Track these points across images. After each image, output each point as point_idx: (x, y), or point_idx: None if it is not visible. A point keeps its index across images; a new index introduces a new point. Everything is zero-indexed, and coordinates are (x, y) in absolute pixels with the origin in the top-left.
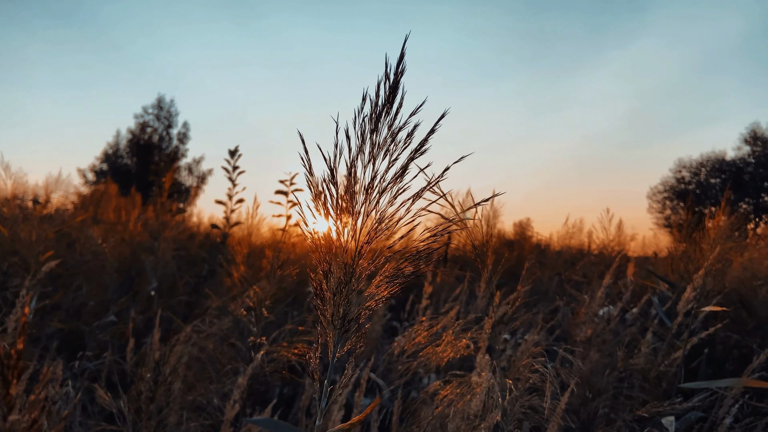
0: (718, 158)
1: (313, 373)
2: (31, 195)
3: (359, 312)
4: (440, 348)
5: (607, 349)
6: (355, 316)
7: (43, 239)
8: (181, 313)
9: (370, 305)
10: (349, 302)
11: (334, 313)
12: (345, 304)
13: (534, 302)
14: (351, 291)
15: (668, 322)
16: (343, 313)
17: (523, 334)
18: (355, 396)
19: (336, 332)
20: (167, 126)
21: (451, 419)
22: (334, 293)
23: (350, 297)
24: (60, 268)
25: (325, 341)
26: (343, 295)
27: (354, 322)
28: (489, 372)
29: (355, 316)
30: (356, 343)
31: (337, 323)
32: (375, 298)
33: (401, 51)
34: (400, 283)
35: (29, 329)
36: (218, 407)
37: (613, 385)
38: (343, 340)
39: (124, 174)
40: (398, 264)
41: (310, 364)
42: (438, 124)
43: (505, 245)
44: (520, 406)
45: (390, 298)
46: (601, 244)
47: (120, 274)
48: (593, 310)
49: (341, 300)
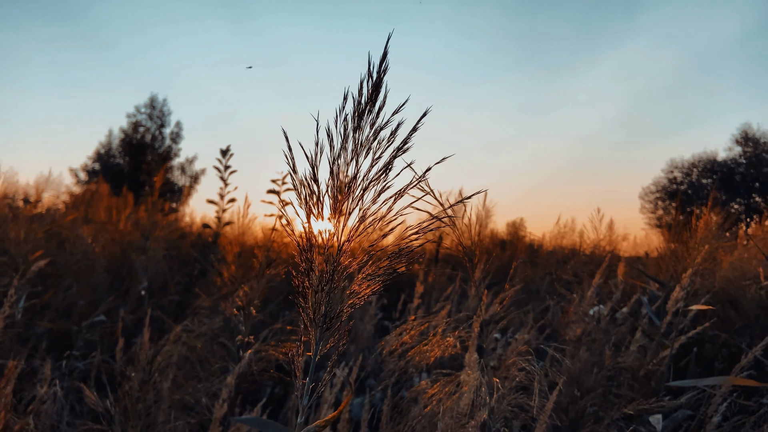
0: (710, 159)
1: (296, 371)
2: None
3: (341, 310)
4: (427, 347)
5: (597, 348)
6: (337, 314)
7: (31, 239)
8: (172, 312)
9: (353, 303)
10: (330, 300)
11: (316, 310)
12: (327, 301)
13: (525, 301)
14: (333, 289)
15: (657, 321)
16: (324, 311)
17: (513, 333)
18: (343, 394)
19: (318, 330)
20: (160, 125)
21: (440, 418)
22: (315, 291)
23: (332, 295)
24: (50, 268)
25: (309, 339)
26: (325, 293)
27: (336, 319)
28: (477, 371)
29: (336, 314)
30: (339, 341)
31: (319, 321)
32: (357, 296)
33: (384, 49)
34: (382, 281)
35: (18, 329)
36: (207, 406)
37: (601, 384)
38: (325, 338)
39: (116, 173)
40: (380, 262)
41: (294, 362)
42: (420, 122)
43: (498, 245)
44: (507, 405)
45: (373, 295)
46: (592, 244)
47: (110, 274)
48: (583, 310)
49: (323, 298)
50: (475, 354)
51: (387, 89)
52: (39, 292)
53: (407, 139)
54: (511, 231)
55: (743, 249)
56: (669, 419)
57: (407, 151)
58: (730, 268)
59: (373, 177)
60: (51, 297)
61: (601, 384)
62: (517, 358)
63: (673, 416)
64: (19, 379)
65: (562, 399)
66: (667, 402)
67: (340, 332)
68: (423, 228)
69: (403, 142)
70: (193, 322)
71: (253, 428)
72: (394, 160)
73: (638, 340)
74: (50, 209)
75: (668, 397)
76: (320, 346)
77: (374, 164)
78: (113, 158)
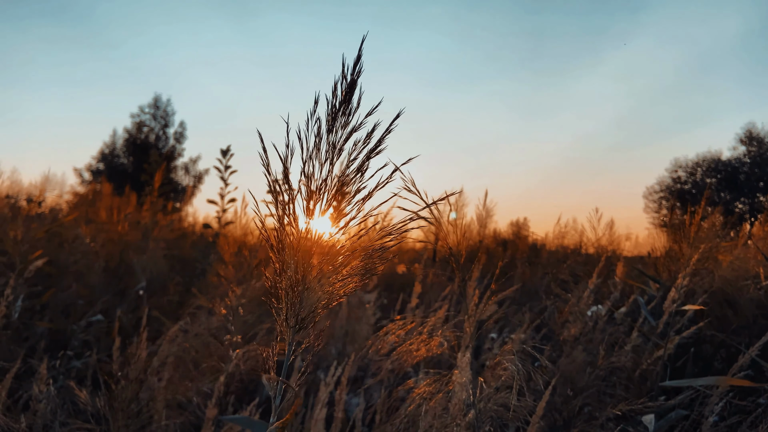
0: (714, 158)
1: (270, 371)
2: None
3: (313, 309)
4: (413, 346)
5: (594, 348)
6: (309, 314)
7: (29, 238)
8: (172, 312)
9: (327, 303)
10: (301, 300)
11: (288, 311)
12: (299, 302)
13: (525, 301)
14: (304, 289)
15: (653, 321)
16: (297, 312)
17: (510, 332)
18: (336, 394)
19: (291, 330)
20: (164, 125)
21: (422, 417)
22: (287, 291)
23: (304, 295)
24: (51, 268)
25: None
26: (296, 293)
27: (308, 320)
28: (467, 370)
29: (308, 314)
30: (314, 341)
31: (291, 321)
32: (330, 296)
33: (358, 52)
34: (356, 281)
35: (14, 328)
36: (198, 406)
37: (595, 384)
38: (299, 338)
39: (120, 173)
40: (353, 262)
41: (267, 362)
42: (393, 124)
43: (499, 245)
44: (493, 404)
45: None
46: (595, 244)
47: (108, 274)
48: (579, 310)
49: (295, 298)
50: (467, 354)
51: (362, 91)
52: (39, 291)
53: (381, 141)
54: (514, 230)
55: (743, 249)
56: (664, 419)
57: (381, 152)
58: (729, 267)
59: (347, 178)
60: (50, 296)
61: (595, 384)
62: (502, 358)
63: (668, 416)
64: (17, 378)
65: (556, 399)
66: (661, 402)
67: (315, 333)
68: (398, 228)
69: (377, 144)
70: (191, 322)
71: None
72: (368, 161)
73: (634, 340)
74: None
75: (664, 397)
76: (293, 346)
77: (349, 165)
78: (117, 158)
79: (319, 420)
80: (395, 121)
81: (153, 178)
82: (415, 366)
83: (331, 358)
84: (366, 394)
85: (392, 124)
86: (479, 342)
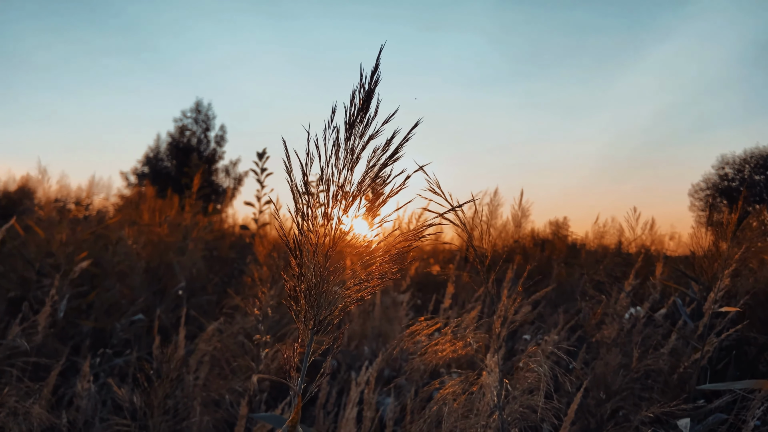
0: (763, 154)
1: (290, 372)
2: (73, 198)
3: (331, 312)
4: (438, 347)
5: (630, 351)
6: (327, 317)
7: (75, 240)
8: (211, 312)
9: (345, 306)
10: (320, 304)
11: (307, 313)
12: (317, 305)
13: (561, 302)
14: (322, 292)
15: (690, 322)
16: (315, 314)
17: (544, 334)
18: (364, 393)
19: (310, 332)
20: (205, 129)
21: (445, 418)
22: (305, 294)
23: (321, 298)
24: (96, 268)
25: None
26: (314, 297)
27: (327, 322)
28: (495, 371)
29: (326, 317)
30: (333, 343)
31: (310, 324)
32: (346, 299)
33: (376, 61)
34: (374, 284)
35: (61, 327)
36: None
37: (629, 387)
38: (317, 340)
39: (164, 176)
40: (370, 266)
41: (289, 363)
42: (411, 132)
43: (537, 244)
44: (520, 406)
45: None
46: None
47: (149, 274)
48: (615, 311)
49: (314, 301)
50: (496, 355)
51: (379, 99)
52: (85, 291)
53: (398, 149)
54: (553, 230)
55: None
56: (701, 424)
57: (398, 159)
58: None
59: (364, 184)
60: (95, 296)
61: (629, 387)
62: (528, 360)
63: (705, 421)
64: (63, 375)
65: (589, 402)
66: (698, 405)
67: (334, 335)
68: (416, 233)
69: (395, 152)
70: (227, 322)
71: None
72: (385, 168)
73: (673, 342)
74: (100, 211)
75: (702, 400)
76: (311, 348)
77: (368, 172)
78: (161, 161)
79: (350, 419)
80: (413, 129)
81: (192, 180)
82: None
83: (364, 357)
84: (400, 393)
85: (410, 133)
86: (514, 343)
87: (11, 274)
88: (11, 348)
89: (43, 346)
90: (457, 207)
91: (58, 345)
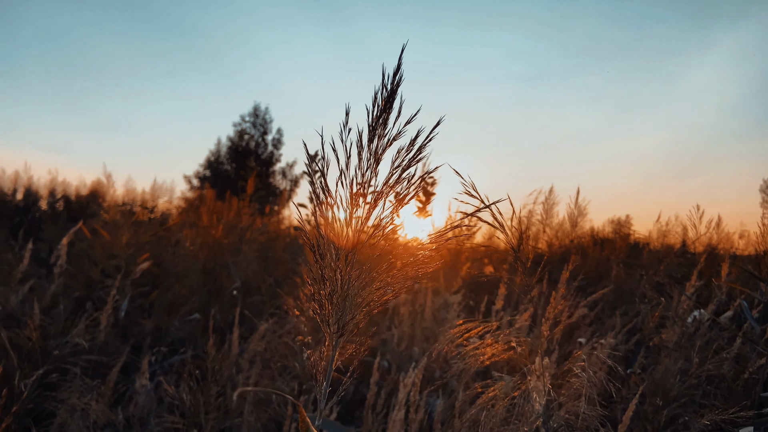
0: None
1: (317, 376)
2: (139, 201)
3: (353, 316)
4: (479, 350)
5: (692, 356)
6: (350, 320)
7: (135, 242)
8: (264, 312)
9: (369, 311)
10: (344, 307)
11: (330, 317)
12: (339, 309)
13: (620, 304)
14: (346, 297)
15: (757, 326)
16: (338, 318)
17: (600, 337)
18: (410, 395)
19: (333, 336)
20: (263, 133)
21: (483, 423)
22: (328, 297)
23: (344, 302)
24: (158, 269)
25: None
26: (335, 300)
27: (350, 326)
28: (542, 376)
29: (349, 320)
30: (358, 347)
31: (334, 327)
32: (370, 303)
33: (398, 61)
34: (397, 288)
35: (122, 326)
36: (279, 403)
37: (689, 393)
38: (340, 344)
39: (224, 179)
40: (393, 269)
41: (315, 366)
42: (434, 131)
43: (597, 244)
44: (565, 413)
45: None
46: (702, 242)
47: (205, 275)
48: (677, 314)
49: (336, 305)
50: (545, 358)
51: (402, 99)
52: (147, 291)
53: (422, 148)
54: (614, 229)
55: None
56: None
57: (421, 160)
58: None
59: (387, 186)
60: (156, 296)
61: (689, 393)
62: (572, 365)
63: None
64: (124, 373)
65: (646, 408)
66: (763, 413)
67: (359, 339)
68: (441, 235)
69: (418, 151)
70: (277, 323)
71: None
72: (408, 169)
73: (738, 347)
74: (163, 214)
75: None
76: (335, 352)
77: (392, 173)
78: (222, 165)
79: (397, 420)
80: (435, 128)
81: (247, 183)
82: (500, 368)
83: (413, 359)
84: (450, 394)
85: (432, 132)
86: (570, 347)
87: (78, 275)
88: (74, 346)
89: (106, 345)
90: (491, 204)
91: (120, 343)
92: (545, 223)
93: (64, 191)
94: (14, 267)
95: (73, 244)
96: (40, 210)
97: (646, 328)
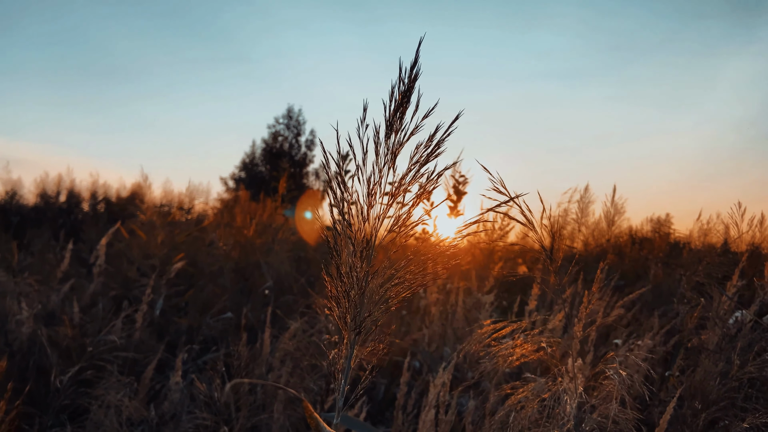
0: None
1: (335, 374)
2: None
3: (371, 313)
4: (507, 351)
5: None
6: (368, 318)
7: (170, 242)
8: (296, 311)
9: (386, 308)
10: (360, 305)
11: (347, 314)
12: (355, 307)
13: (658, 305)
14: (362, 294)
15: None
16: (354, 315)
17: (637, 338)
18: (439, 395)
19: (350, 334)
20: (296, 134)
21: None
22: (345, 295)
23: (361, 299)
24: (193, 269)
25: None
26: (353, 297)
27: (368, 324)
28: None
29: (366, 318)
30: (376, 345)
31: (351, 325)
32: (388, 301)
33: (415, 55)
34: (415, 285)
35: (158, 324)
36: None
37: (729, 396)
38: (358, 342)
39: (259, 180)
40: (409, 266)
41: (334, 364)
42: (453, 126)
43: (635, 243)
44: (598, 415)
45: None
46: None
47: (237, 274)
48: (718, 315)
49: (353, 303)
50: (578, 359)
51: (420, 94)
52: (182, 290)
53: (440, 143)
54: (654, 227)
55: None
56: None
57: (440, 155)
58: None
59: (404, 181)
60: (191, 295)
61: (729, 396)
62: (605, 367)
63: None
64: (159, 371)
65: (685, 411)
66: None
67: (377, 338)
68: (461, 233)
69: (436, 146)
70: (306, 321)
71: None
72: (426, 164)
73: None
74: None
75: None
76: (353, 351)
77: (411, 168)
78: (256, 166)
79: (427, 421)
80: (454, 123)
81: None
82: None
83: (444, 359)
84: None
85: (451, 126)
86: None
87: (116, 275)
88: (110, 343)
89: (141, 343)
90: (515, 198)
91: (155, 341)
92: (581, 222)
93: (105, 193)
94: (55, 267)
95: (112, 245)
96: (82, 212)
97: (685, 329)
